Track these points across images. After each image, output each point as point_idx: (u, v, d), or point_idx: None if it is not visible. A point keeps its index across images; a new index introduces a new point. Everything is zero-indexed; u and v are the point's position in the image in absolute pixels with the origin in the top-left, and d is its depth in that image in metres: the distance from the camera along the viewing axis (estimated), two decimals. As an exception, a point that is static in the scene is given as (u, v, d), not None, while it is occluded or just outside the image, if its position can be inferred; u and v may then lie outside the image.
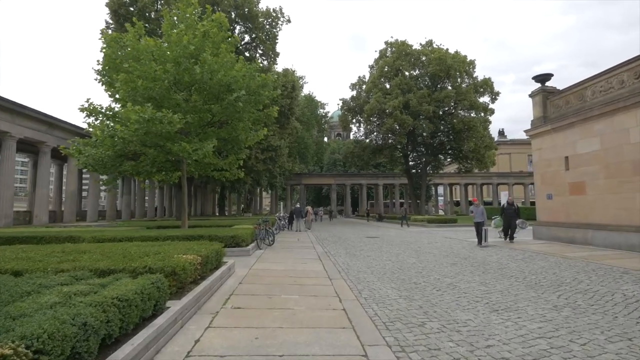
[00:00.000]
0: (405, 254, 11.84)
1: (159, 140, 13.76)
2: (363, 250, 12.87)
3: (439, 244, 14.69)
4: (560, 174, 13.41)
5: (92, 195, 31.44)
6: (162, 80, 13.79)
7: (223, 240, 10.73)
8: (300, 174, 60.17)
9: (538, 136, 14.59)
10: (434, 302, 5.69)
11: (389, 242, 16.16)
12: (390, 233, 22.07)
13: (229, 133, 16.93)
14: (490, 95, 42.77)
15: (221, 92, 14.79)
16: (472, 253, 11.74)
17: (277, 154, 28.88)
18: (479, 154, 41.80)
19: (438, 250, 12.57)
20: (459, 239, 17.04)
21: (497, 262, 9.87)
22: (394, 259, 10.71)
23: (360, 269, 8.95)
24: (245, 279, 7.24)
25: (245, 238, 11.25)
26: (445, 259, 10.56)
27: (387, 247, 13.82)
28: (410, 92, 41.02)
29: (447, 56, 40.61)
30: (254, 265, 9.19)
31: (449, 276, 7.91)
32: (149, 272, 4.60)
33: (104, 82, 15.82)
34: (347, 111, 47.67)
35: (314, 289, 6.50)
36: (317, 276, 7.80)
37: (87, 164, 14.72)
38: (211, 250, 6.45)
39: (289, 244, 15.28)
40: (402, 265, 9.39)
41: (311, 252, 12.34)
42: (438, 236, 19.01)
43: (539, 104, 14.56)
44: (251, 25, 31.58)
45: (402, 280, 7.50)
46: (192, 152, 13.67)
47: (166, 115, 12.52)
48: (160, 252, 5.84)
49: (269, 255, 11.34)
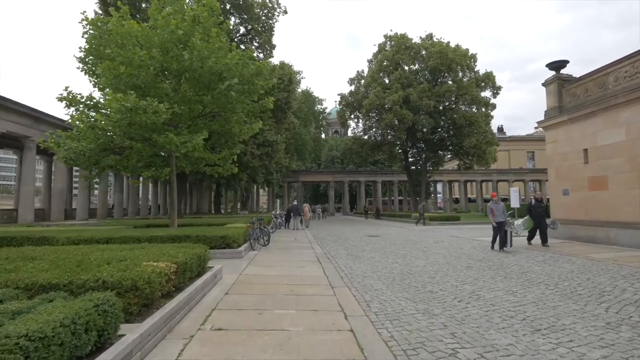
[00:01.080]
0: (412, 255, 10.84)
1: (143, 132, 12.68)
2: (365, 251, 11.86)
3: (446, 244, 13.70)
4: (578, 167, 12.43)
5: (82, 193, 30.29)
6: (148, 67, 12.71)
7: (212, 241, 9.73)
8: (297, 171, 59.05)
9: (552, 128, 13.60)
10: (460, 319, 4.68)
11: (392, 241, 15.16)
12: (391, 231, 21.08)
13: (222, 126, 15.87)
14: (492, 90, 41.83)
15: (212, 80, 13.72)
16: (486, 254, 10.76)
17: (273, 149, 27.77)
18: (480, 150, 40.86)
19: (447, 251, 11.57)
20: (466, 237, 16.06)
21: (517, 264, 8.88)
22: (401, 260, 9.71)
23: (365, 273, 7.94)
24: (233, 288, 6.21)
25: (236, 238, 10.21)
26: (457, 261, 9.57)
27: (391, 247, 12.82)
28: (411, 86, 39.99)
29: (448, 50, 39.60)
30: (245, 269, 8.15)
31: (467, 282, 6.91)
32: (102, 287, 3.57)
33: (87, 71, 14.74)
34: (346, 106, 46.62)
35: (313, 301, 5.48)
36: (317, 283, 6.78)
37: (67, 158, 13.62)
38: (191, 256, 5.41)
39: (286, 243, 14.26)
40: (411, 269, 8.39)
41: (309, 253, 11.32)
42: (443, 235, 18.03)
43: (554, 93, 13.56)
44: (246, 16, 30.43)
45: (414, 287, 6.49)
46: (180, 145, 12.60)
47: (151, 104, 11.44)
48: (127, 258, 4.81)
49: (263, 257, 10.31)
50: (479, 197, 63.03)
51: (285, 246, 13.26)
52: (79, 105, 12.89)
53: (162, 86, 12.89)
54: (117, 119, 12.22)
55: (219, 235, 9.87)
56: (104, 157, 14.17)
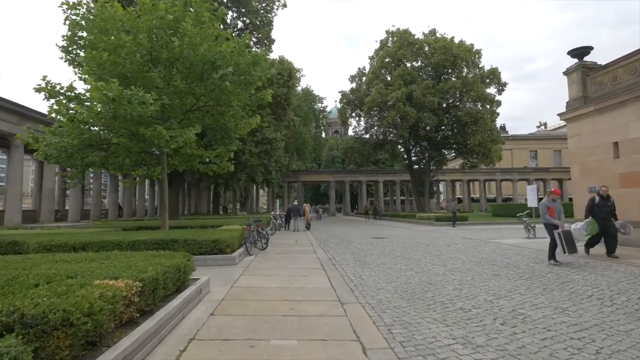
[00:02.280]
0: (426, 260, 9.72)
1: (129, 125, 11.57)
2: (374, 256, 10.74)
3: (460, 247, 12.58)
4: (607, 163, 11.31)
5: (74, 194, 29.21)
6: (134, 54, 11.59)
7: (202, 245, 8.62)
8: (297, 171, 57.94)
9: (576, 120, 12.49)
10: (514, 353, 3.56)
11: (401, 244, 14.04)
12: (397, 233, 19.96)
13: (216, 120, 14.78)
14: (497, 87, 40.74)
15: (205, 70, 12.60)
16: (509, 259, 9.62)
17: (272, 147, 26.63)
18: (485, 148, 39.73)
19: (464, 255, 10.45)
20: (481, 239, 14.93)
21: (551, 271, 7.76)
22: (416, 267, 8.58)
23: (379, 283, 6.82)
24: (220, 306, 5.08)
25: (230, 242, 9.09)
26: (480, 267, 8.44)
27: (401, 251, 11.70)
28: (414, 83, 38.90)
29: (452, 45, 38.52)
30: (238, 279, 7.02)
31: (501, 296, 5.80)
32: (19, 323, 2.44)
33: (71, 61, 13.64)
34: (347, 104, 45.54)
35: (320, 325, 4.35)
36: (323, 298, 5.66)
37: (47, 155, 12.50)
38: (165, 269, 4.29)
39: (286, 247, 13.14)
40: (431, 278, 7.26)
41: (312, 258, 10.20)
42: (453, 236, 16.91)
43: (577, 82, 12.45)
44: (244, 10, 29.34)
45: (441, 304, 5.37)
46: (170, 140, 11.47)
47: (136, 93, 10.32)
48: (79, 274, 3.70)
49: (260, 263, 9.18)
50: (482, 197, 61.91)
51: (285, 250, 12.13)
52: (58, 97, 11.76)
53: (150, 75, 11.76)
54: (98, 111, 11.15)
55: (210, 239, 8.75)
56: (88, 153, 13.05)
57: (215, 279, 6.78)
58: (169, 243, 8.62)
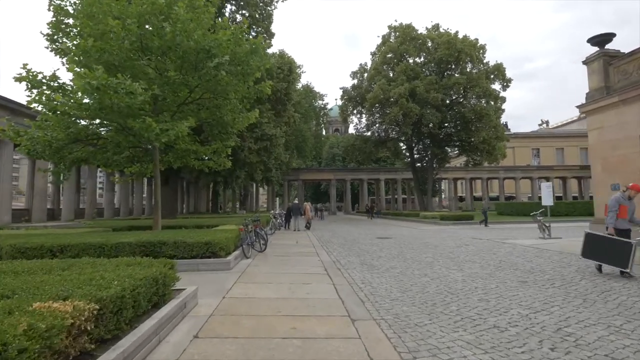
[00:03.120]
0: (439, 263, 8.88)
1: (117, 118, 10.71)
2: (382, 258, 9.90)
3: (473, 248, 11.74)
4: (633, 158, 10.46)
5: (67, 192, 28.39)
6: (122, 40, 10.73)
7: (193, 248, 7.79)
8: (298, 169, 57.11)
9: (597, 112, 11.63)
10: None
11: (408, 244, 13.20)
12: (402, 232, 19.12)
13: (212, 114, 13.93)
14: (502, 83, 39.86)
15: (200, 59, 11.74)
16: (531, 262, 8.78)
17: (272, 144, 25.74)
18: (490, 146, 38.87)
19: (480, 258, 9.60)
20: (492, 239, 14.08)
21: (584, 278, 6.92)
22: (430, 272, 7.75)
23: (392, 293, 5.98)
24: (207, 326, 4.23)
25: (225, 244, 8.25)
26: (501, 272, 7.60)
27: (410, 253, 10.86)
28: (417, 78, 38.04)
29: (456, 40, 37.65)
30: (231, 288, 6.17)
31: (538, 308, 4.96)
32: None
33: (57, 51, 12.81)
34: (348, 101, 44.67)
35: (330, 351, 3.52)
36: (330, 312, 4.82)
37: (30, 150, 11.66)
38: (137, 283, 3.45)
39: (286, 248, 12.30)
40: (450, 286, 6.43)
41: (314, 261, 9.36)
42: (461, 236, 16.08)
43: (598, 72, 11.59)
44: (243, 3, 28.43)
45: (470, 320, 4.53)
46: (160, 133, 10.61)
47: (122, 82, 9.46)
48: (18, 291, 2.87)
49: (258, 268, 8.34)
50: (485, 195, 61.06)
51: (285, 252, 11.29)
52: (41, 87, 10.89)
53: (139, 64, 10.91)
54: (83, 102, 10.32)
55: (202, 241, 7.91)
56: (74, 149, 12.20)
57: (205, 287, 5.95)
58: (156, 246, 7.80)
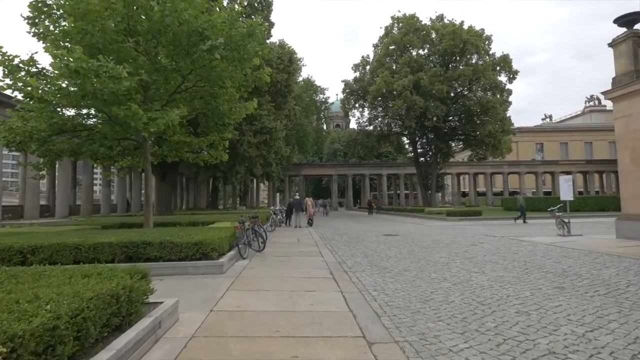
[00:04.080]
0: (457, 265, 7.98)
1: (101, 105, 9.79)
2: (391, 259, 9.00)
3: (489, 247, 10.83)
4: (667, 147, 9.53)
5: (61, 187, 27.54)
6: (106, 20, 9.79)
7: (182, 249, 6.91)
8: (299, 164, 56.16)
9: (625, 98, 10.67)
10: None
11: (417, 242, 12.30)
12: (409, 229, 18.21)
13: (207, 103, 13.00)
14: (508, 75, 38.67)
15: (192, 43, 10.79)
16: (560, 263, 7.86)
17: (272, 137, 24.76)
18: (495, 140, 37.80)
19: (501, 258, 8.69)
20: (507, 237, 13.16)
21: (630, 283, 6.01)
22: (449, 275, 6.84)
23: (411, 303, 5.08)
24: (185, 353, 3.33)
25: (218, 245, 7.36)
26: (530, 275, 6.70)
27: (422, 252, 9.96)
28: (421, 70, 36.94)
29: (461, 30, 36.49)
30: (222, 297, 5.27)
31: (593, 326, 4.06)
32: None
33: (39, 35, 11.87)
34: (350, 94, 43.54)
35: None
36: (341, 332, 3.91)
37: (9, 142, 10.75)
38: (83, 306, 2.55)
39: (286, 247, 11.41)
40: (477, 293, 5.53)
41: (318, 262, 8.47)
42: (473, 233, 15.16)
43: (627, 54, 10.62)
44: (241, -9, 27.36)
45: (516, 343, 3.62)
46: (149, 122, 9.70)
47: (104, 64, 8.53)
48: None
49: (255, 271, 7.44)
50: (489, 190, 60.06)
51: (285, 251, 10.39)
52: (18, 72, 9.96)
53: (125, 47, 9.96)
54: (62, 87, 9.40)
55: (192, 241, 7.02)
56: (58, 141, 11.28)
57: (191, 296, 5.07)
58: (139, 247, 6.92)
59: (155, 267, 6.73)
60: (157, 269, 6.71)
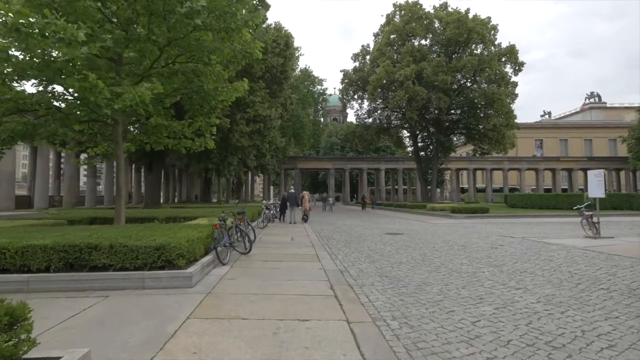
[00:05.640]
0: (486, 276, 6.43)
1: (53, 76, 8.10)
2: (403, 265, 7.45)
3: (514, 251, 9.29)
4: None
5: (40, 177, 25.77)
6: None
7: (138, 256, 5.31)
8: (295, 157, 54.59)
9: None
10: None
11: (427, 243, 10.75)
12: (413, 227, 16.67)
13: (189, 81, 11.30)
14: (514, 66, 37.06)
15: (169, 4, 9.09)
16: (616, 276, 6.30)
17: (266, 126, 23.02)
18: (499, 134, 36.32)
19: (537, 267, 7.16)
20: (528, 238, 11.63)
21: None
22: (484, 294, 5.29)
23: (452, 347, 3.52)
24: None
25: (187, 249, 5.75)
26: (591, 294, 5.16)
27: (437, 256, 8.41)
28: (424, 60, 35.30)
29: (466, 19, 34.84)
30: (176, 333, 3.66)
31: None
32: None
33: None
34: (349, 85, 41.80)
35: None
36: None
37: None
38: None
39: (278, 248, 9.82)
40: (535, 325, 3.97)
41: (314, 270, 6.89)
42: (486, 232, 13.66)
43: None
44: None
45: None
46: (112, 98, 8.02)
47: (51, 22, 6.83)
48: None
49: (234, 283, 5.85)
50: (488, 187, 58.75)
51: (276, 253, 8.80)
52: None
53: (83, 5, 8.24)
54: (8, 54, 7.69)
55: (152, 245, 5.41)
56: (9, 120, 9.58)
57: (130, 333, 3.48)
58: (82, 252, 5.31)
59: (102, 279, 5.15)
60: (105, 282, 5.12)
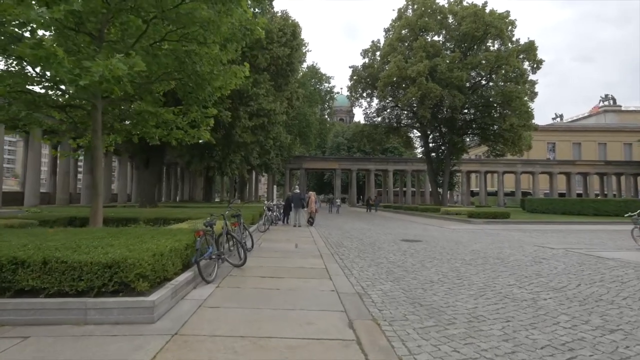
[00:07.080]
0: (554, 306, 4.81)
1: (6, 44, 6.63)
2: (436, 285, 5.85)
3: (565, 267, 7.64)
4: None
5: (31, 172, 24.52)
6: None
7: (82, 275, 3.78)
8: (300, 157, 53.03)
9: None
10: None
11: (454, 254, 9.13)
12: (432, 233, 15.01)
13: (180, 61, 9.78)
14: (532, 64, 35.18)
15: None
16: None
17: (270, 120, 21.45)
18: (516, 135, 34.43)
19: (611, 292, 5.52)
20: (571, 249, 9.96)
21: None
22: (564, 334, 3.69)
23: None
24: None
25: (152, 268, 4.18)
26: None
27: (474, 274, 6.79)
28: (438, 55, 33.60)
29: (483, 13, 33.09)
30: None
31: None
32: None
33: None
34: (358, 82, 40.16)
35: None
36: None
37: None
38: None
39: (279, 258, 8.25)
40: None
41: (325, 294, 5.31)
42: (516, 241, 11.99)
43: None
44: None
45: None
46: (80, 73, 6.51)
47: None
48: None
49: (214, 315, 4.29)
50: (500, 190, 56.84)
51: (276, 266, 7.22)
52: None
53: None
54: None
55: (102, 261, 3.87)
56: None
57: None
58: (4, 268, 3.79)
59: (27, 309, 3.62)
60: (31, 313, 3.59)
